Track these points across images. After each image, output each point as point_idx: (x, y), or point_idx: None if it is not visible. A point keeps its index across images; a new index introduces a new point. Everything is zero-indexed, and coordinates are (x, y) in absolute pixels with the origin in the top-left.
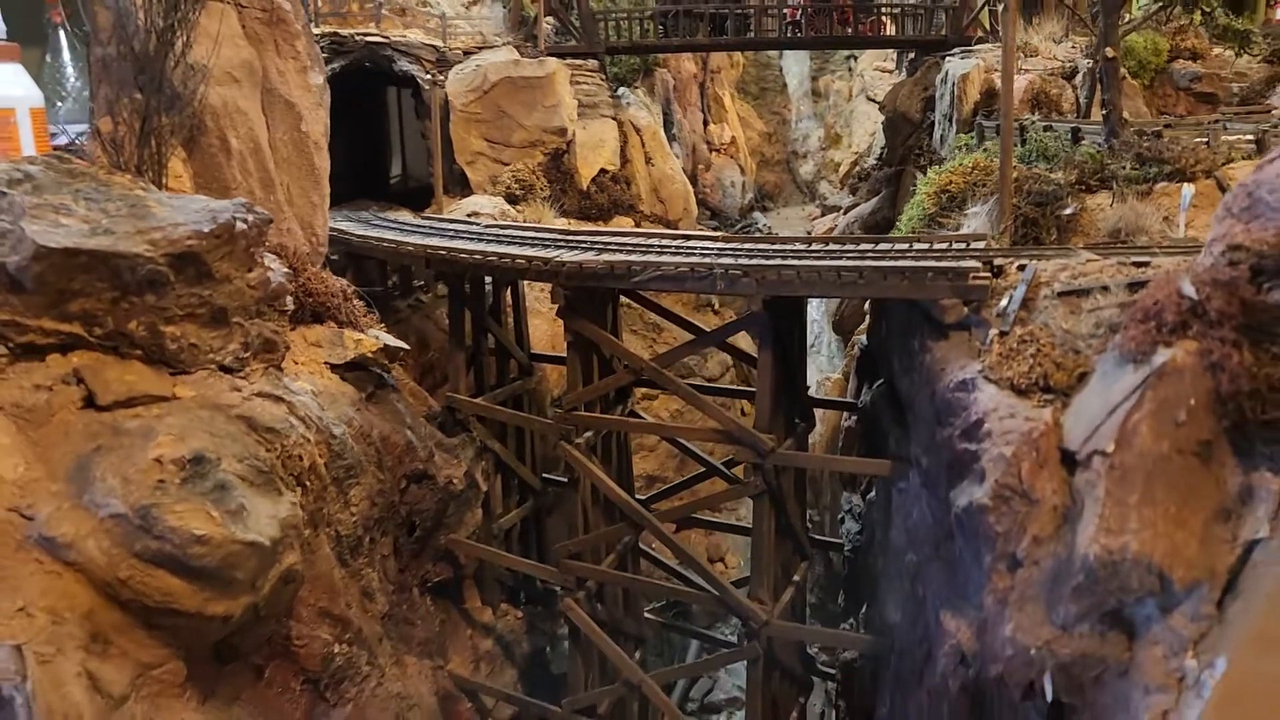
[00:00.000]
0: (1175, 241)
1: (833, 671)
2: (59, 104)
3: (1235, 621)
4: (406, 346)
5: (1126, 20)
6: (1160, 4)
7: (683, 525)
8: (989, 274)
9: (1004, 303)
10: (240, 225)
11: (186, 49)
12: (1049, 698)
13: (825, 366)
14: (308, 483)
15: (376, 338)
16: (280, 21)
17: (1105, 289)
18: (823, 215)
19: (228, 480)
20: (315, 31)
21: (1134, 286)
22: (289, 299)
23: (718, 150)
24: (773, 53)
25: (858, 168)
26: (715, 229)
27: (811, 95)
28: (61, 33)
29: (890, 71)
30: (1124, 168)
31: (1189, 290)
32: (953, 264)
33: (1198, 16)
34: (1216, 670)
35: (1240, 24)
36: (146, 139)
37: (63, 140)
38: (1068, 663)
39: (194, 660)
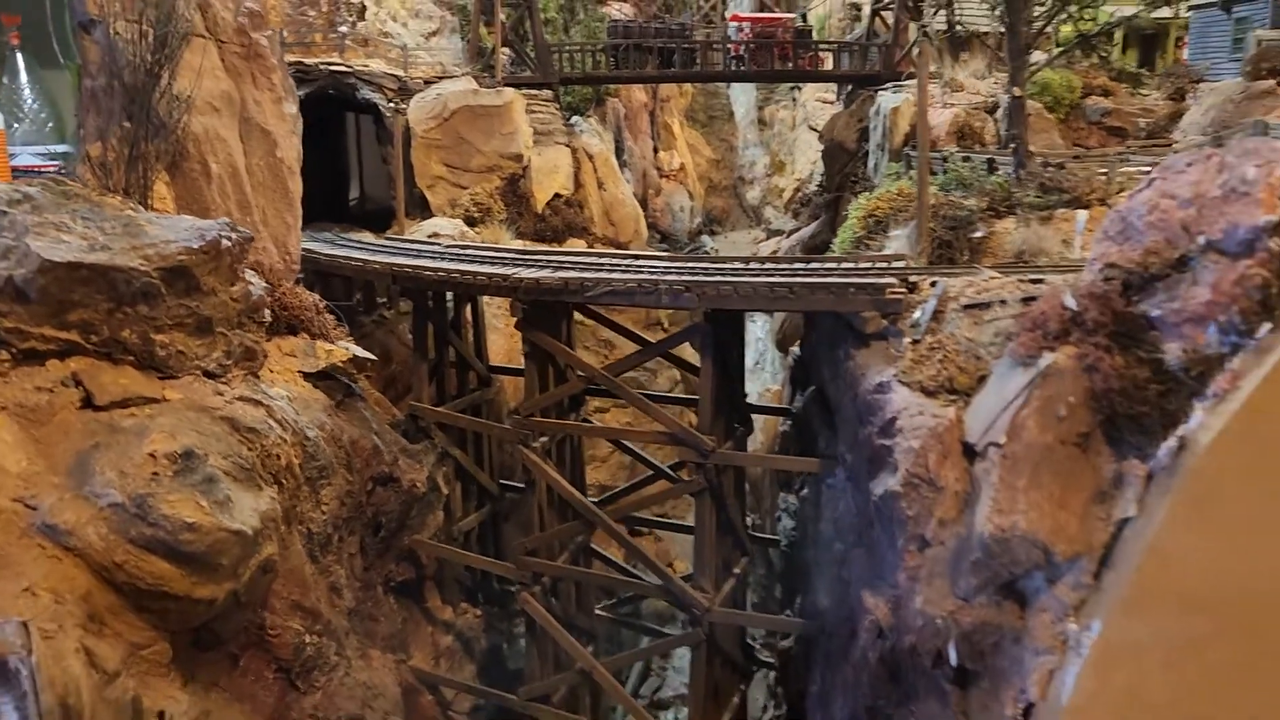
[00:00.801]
0: (1069, 261)
1: (772, 660)
2: (15, 125)
3: (1109, 589)
4: (374, 357)
5: (1034, 62)
6: (1062, 49)
7: (634, 531)
8: (905, 289)
9: (917, 315)
10: (225, 243)
11: (171, 81)
12: (954, 663)
13: (769, 382)
14: (284, 481)
15: (346, 349)
16: (258, 56)
17: (1004, 302)
18: (768, 239)
19: (215, 474)
20: None
21: (1028, 300)
22: (266, 311)
23: (667, 176)
24: (721, 83)
25: (800, 193)
26: (664, 251)
27: (758, 124)
28: (19, 56)
29: (831, 102)
30: (1028, 196)
31: (1070, 302)
32: (873, 280)
33: (1095, 59)
34: (1093, 632)
35: (1132, 68)
36: (134, 164)
37: (20, 162)
38: (969, 631)
39: (178, 644)
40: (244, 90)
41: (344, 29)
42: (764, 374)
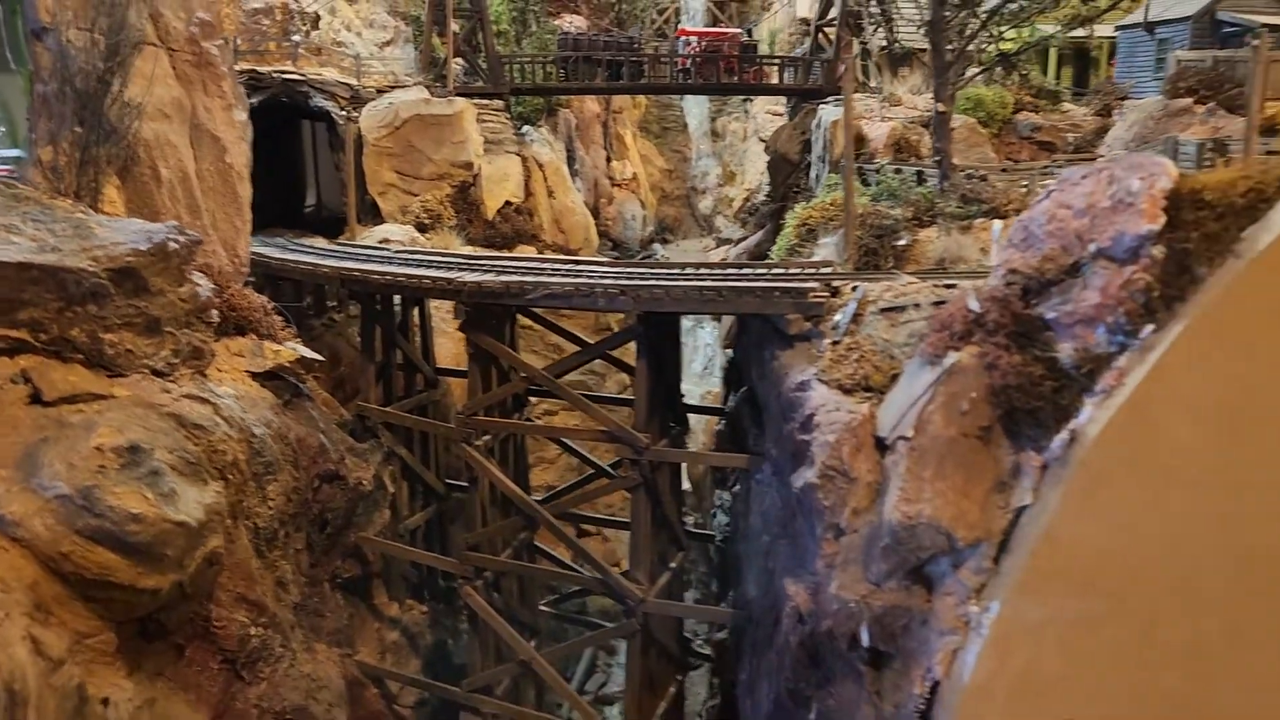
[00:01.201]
0: (983, 268)
1: (708, 652)
2: None
3: (1007, 573)
4: (321, 358)
5: (957, 80)
6: (983, 67)
7: (581, 532)
8: (827, 293)
9: (838, 317)
10: (173, 245)
11: (123, 88)
12: (867, 645)
13: (718, 385)
14: (230, 476)
15: (294, 349)
16: (208, 64)
17: (918, 306)
18: (718, 247)
19: (160, 468)
20: None
21: (939, 304)
22: (214, 312)
23: (619, 185)
24: (674, 95)
25: (749, 203)
26: (616, 259)
27: (711, 135)
28: None
29: (781, 115)
30: (950, 206)
31: (973, 305)
32: (796, 284)
33: (1016, 77)
34: (992, 613)
35: (1052, 86)
36: (85, 168)
37: None
38: (881, 613)
39: (123, 634)
40: (195, 97)
41: (297, 38)
42: (713, 378)
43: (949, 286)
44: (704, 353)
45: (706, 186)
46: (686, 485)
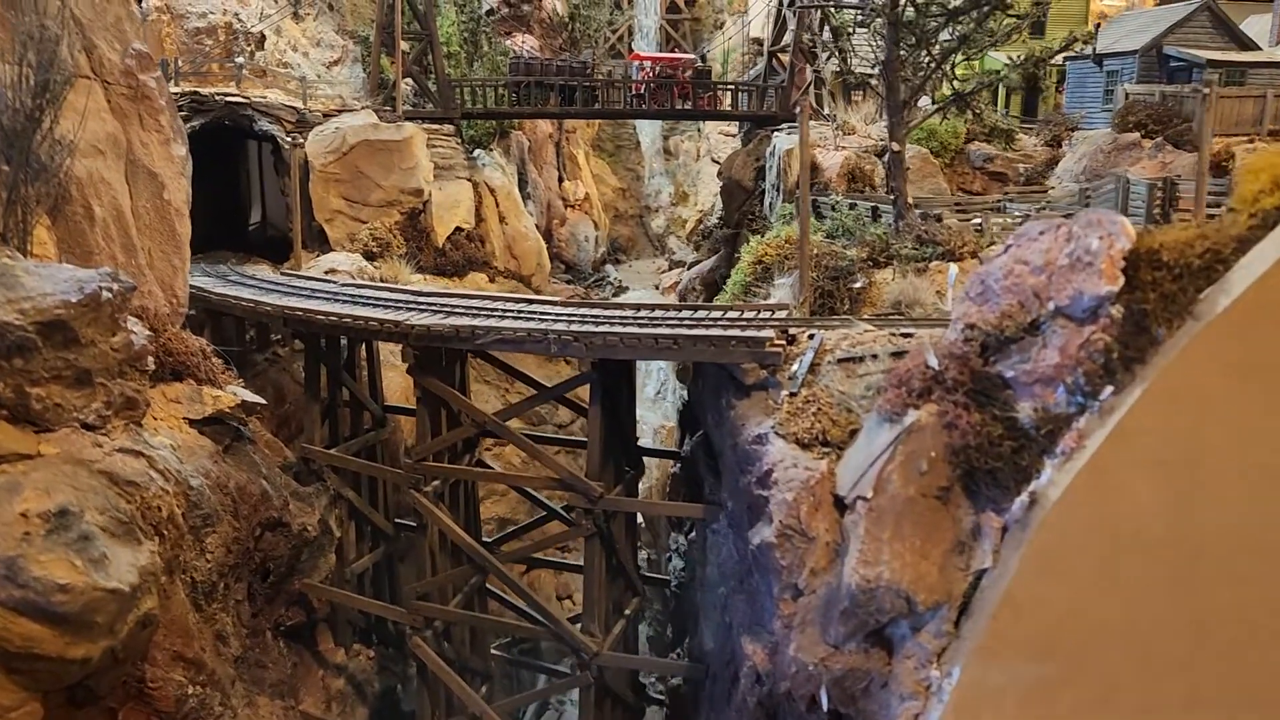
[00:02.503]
0: (940, 314)
1: (663, 698)
2: None
3: (968, 637)
4: (263, 401)
5: (911, 117)
6: (938, 107)
7: (532, 566)
8: (784, 342)
9: (795, 367)
10: (106, 294)
11: (54, 124)
12: (826, 708)
13: (670, 413)
14: (166, 532)
15: (234, 394)
16: (145, 97)
17: (875, 356)
18: (670, 269)
19: (90, 531)
20: (174, 90)
21: (898, 355)
22: (150, 359)
23: (572, 206)
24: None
25: (701, 225)
26: (569, 282)
27: (663, 154)
28: None
29: (733, 135)
30: (906, 247)
31: (932, 361)
32: (753, 333)
33: (969, 116)
34: (953, 678)
35: (1003, 122)
36: (13, 208)
37: None
38: (840, 676)
39: (50, 704)
40: (130, 132)
41: (241, 59)
42: (665, 404)
43: (906, 335)
44: (656, 377)
45: (659, 205)
46: (641, 520)
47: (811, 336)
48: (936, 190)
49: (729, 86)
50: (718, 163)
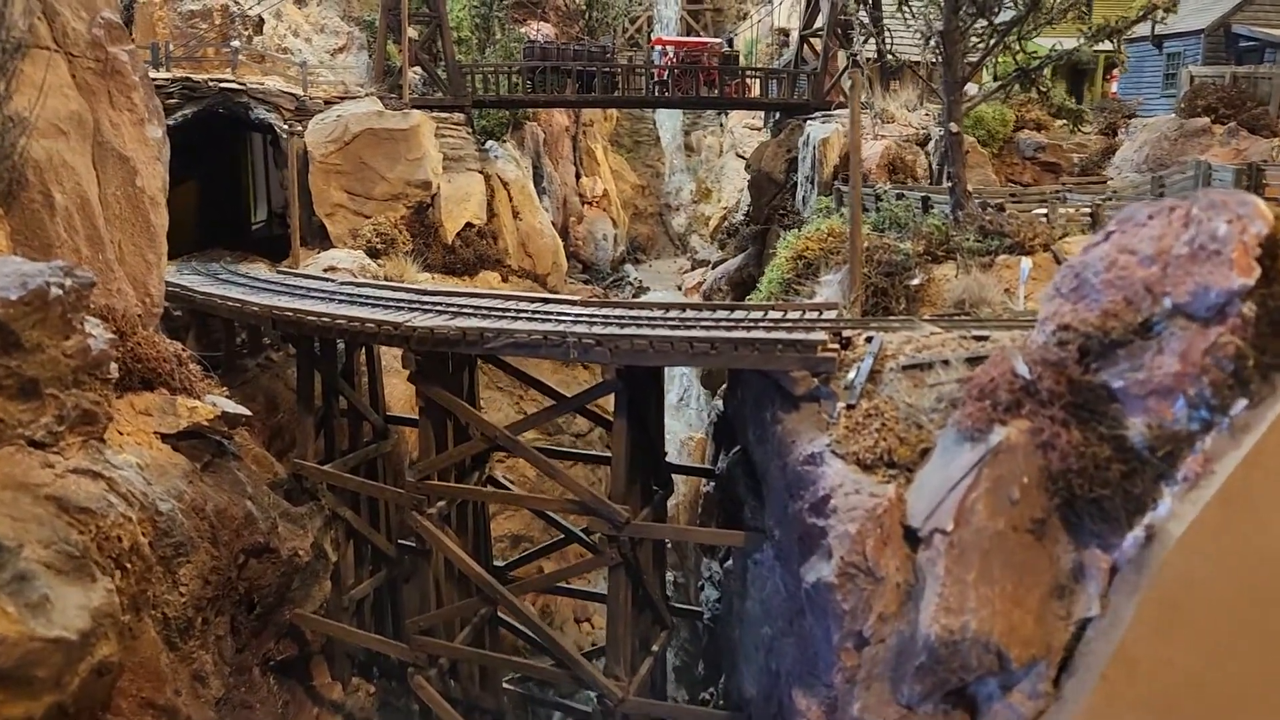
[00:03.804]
0: (1014, 314)
1: None
2: None
3: (1071, 699)
4: (248, 413)
5: (970, 96)
6: (1000, 83)
7: (546, 590)
8: (838, 346)
9: (851, 375)
10: (55, 291)
11: (6, 99)
12: None
13: (694, 421)
14: (128, 565)
15: (214, 404)
16: (115, 72)
17: (946, 363)
18: (693, 269)
19: (29, 570)
20: (165, 76)
21: (973, 361)
22: (113, 366)
23: (590, 203)
24: (646, 108)
25: (726, 222)
26: (586, 282)
27: (684, 149)
28: None
29: (759, 129)
30: (968, 240)
31: (1023, 369)
32: (802, 336)
33: (1034, 95)
34: None
35: (1073, 103)
36: None
37: None
38: None
39: None
40: (99, 111)
41: (237, 44)
42: (689, 411)
43: (980, 338)
44: (680, 381)
45: (680, 203)
46: (669, 542)
47: (869, 340)
48: (985, 181)
49: (759, 73)
50: (743, 158)
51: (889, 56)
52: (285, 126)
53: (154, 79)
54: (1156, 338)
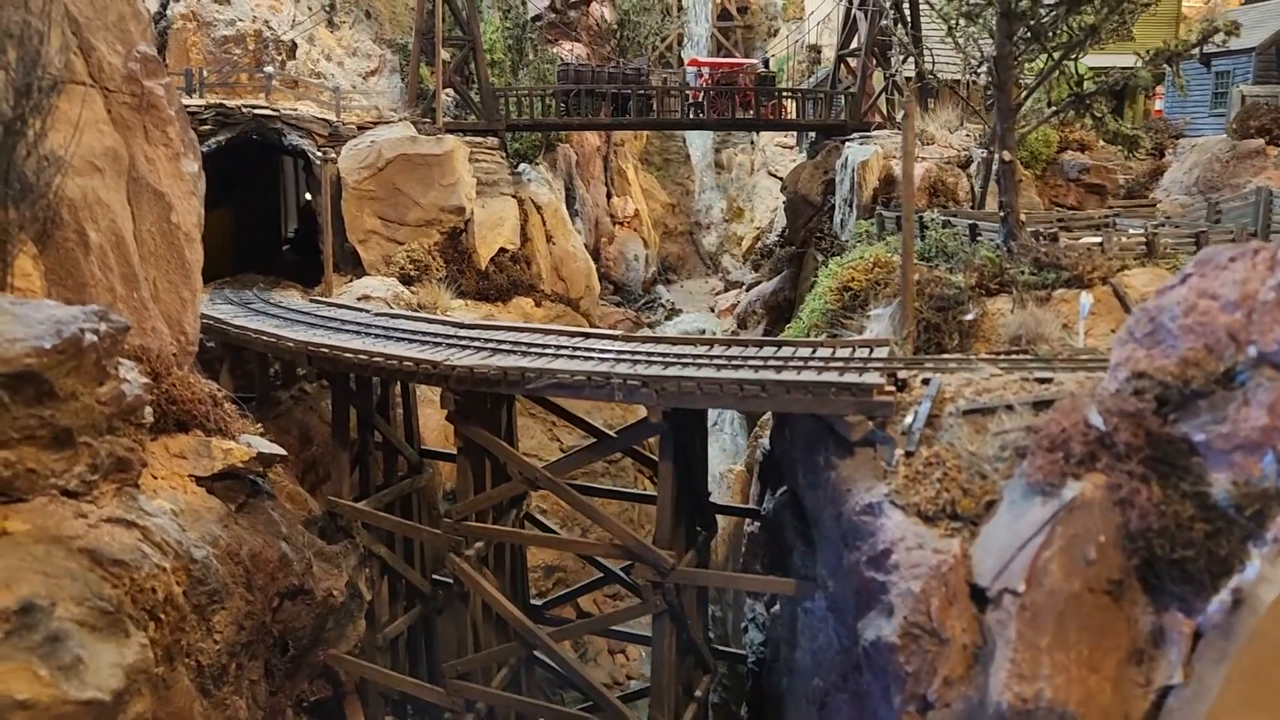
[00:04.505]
0: (1076, 353)
1: None
2: None
3: None
4: (283, 452)
5: (1020, 121)
6: (1055, 109)
7: (583, 613)
8: (893, 388)
9: (909, 420)
10: (90, 338)
11: (40, 137)
12: None
13: (728, 446)
14: (162, 615)
15: (249, 445)
16: (151, 107)
17: (1010, 408)
18: (726, 290)
19: (63, 629)
20: (199, 102)
21: (1038, 406)
22: (147, 410)
23: (621, 223)
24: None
25: (760, 243)
26: (618, 304)
27: (714, 167)
28: None
29: (791, 147)
30: (1023, 272)
31: (1097, 420)
32: (856, 378)
33: (1089, 120)
34: None
35: (1129, 128)
36: None
37: None
38: None
39: None
40: (134, 146)
41: (270, 69)
42: (723, 437)
43: (1043, 380)
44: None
45: (711, 222)
46: None
47: (926, 381)
48: (1029, 205)
49: (795, 94)
50: (775, 176)
51: (931, 76)
52: (318, 152)
53: (187, 105)
54: (1241, 388)
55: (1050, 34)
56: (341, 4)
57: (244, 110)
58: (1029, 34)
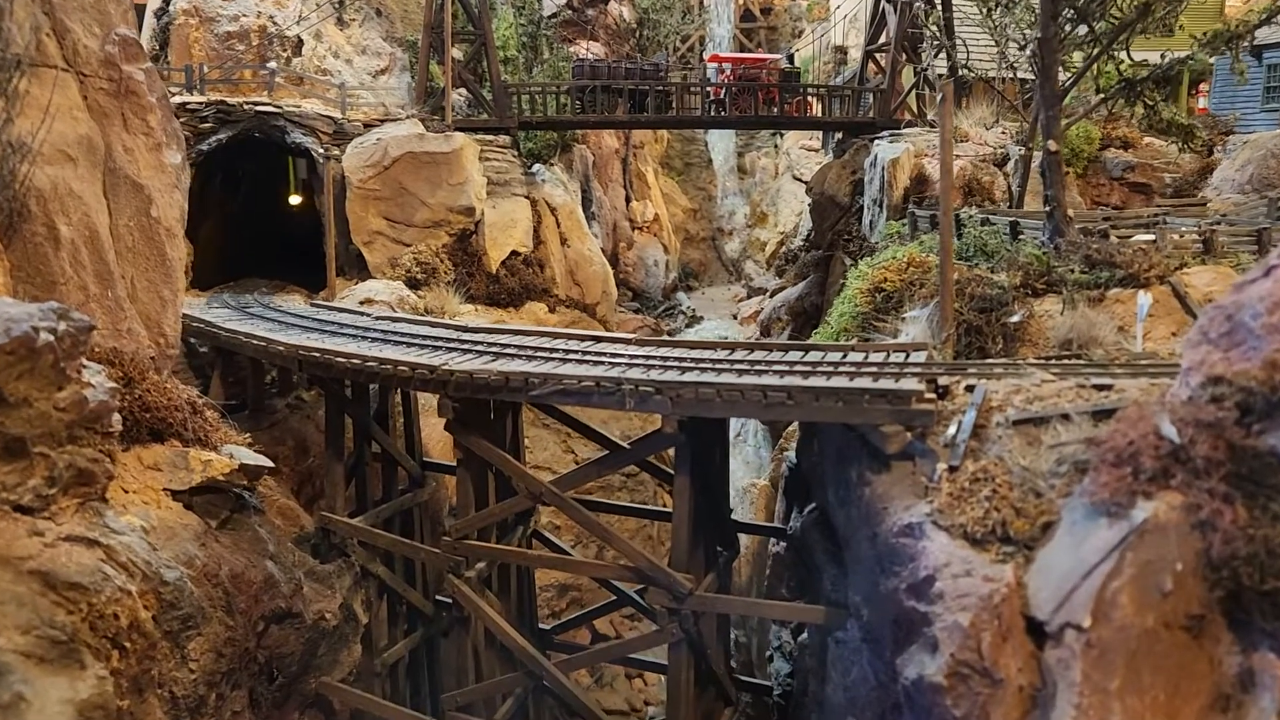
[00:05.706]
0: (1134, 358)
1: None
2: None
3: None
4: (270, 464)
5: (1070, 111)
6: (1103, 96)
7: (598, 637)
8: (934, 396)
9: (952, 430)
10: (45, 338)
11: (8, 123)
12: None
13: (751, 458)
14: (128, 643)
15: (231, 455)
16: (130, 93)
17: (1066, 418)
18: (749, 297)
19: (4, 662)
20: (200, 99)
21: (1099, 415)
22: (115, 418)
23: (640, 228)
24: (698, 129)
25: (784, 249)
26: (637, 311)
27: (737, 171)
28: None
29: (816, 150)
30: (1073, 271)
31: (1169, 431)
32: (892, 385)
33: (1140, 109)
34: None
35: (1184, 118)
36: None
37: None
38: None
39: None
40: (111, 135)
41: (274, 65)
42: (746, 448)
43: (1101, 387)
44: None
45: (734, 227)
46: None
47: (970, 389)
48: (1070, 203)
49: (821, 90)
50: (799, 180)
51: (965, 70)
52: (322, 150)
53: (188, 102)
54: None
55: (1098, 13)
56: (351, 1)
57: (245, 107)
58: (1075, 14)
